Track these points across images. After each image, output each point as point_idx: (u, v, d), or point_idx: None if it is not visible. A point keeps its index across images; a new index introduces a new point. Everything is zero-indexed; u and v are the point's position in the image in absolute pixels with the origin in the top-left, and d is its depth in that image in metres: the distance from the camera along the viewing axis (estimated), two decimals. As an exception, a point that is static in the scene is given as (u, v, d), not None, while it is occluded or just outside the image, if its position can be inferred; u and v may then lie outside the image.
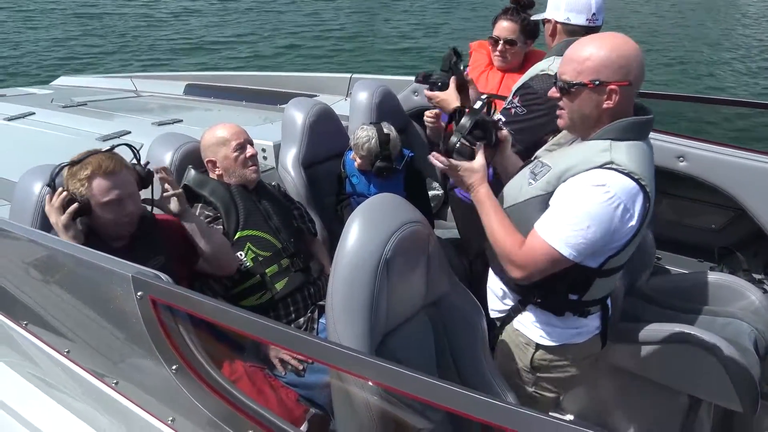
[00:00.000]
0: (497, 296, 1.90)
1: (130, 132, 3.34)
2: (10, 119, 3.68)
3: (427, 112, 2.35)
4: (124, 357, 1.52)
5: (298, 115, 2.90)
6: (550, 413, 1.83)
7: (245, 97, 4.33)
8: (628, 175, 1.50)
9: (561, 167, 1.60)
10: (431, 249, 1.63)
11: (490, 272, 1.92)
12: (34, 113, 3.79)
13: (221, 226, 2.20)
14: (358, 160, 2.73)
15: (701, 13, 16.98)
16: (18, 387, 1.76)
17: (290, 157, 2.87)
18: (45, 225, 2.02)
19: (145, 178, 1.96)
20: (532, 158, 1.80)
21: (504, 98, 2.74)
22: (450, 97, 2.16)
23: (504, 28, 2.74)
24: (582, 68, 1.55)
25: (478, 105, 1.75)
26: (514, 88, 2.28)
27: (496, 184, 1.85)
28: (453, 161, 1.72)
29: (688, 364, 2.28)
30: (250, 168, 2.30)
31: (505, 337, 1.89)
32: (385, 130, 2.69)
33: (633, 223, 1.54)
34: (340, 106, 3.55)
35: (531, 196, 1.66)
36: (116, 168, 1.84)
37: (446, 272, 1.72)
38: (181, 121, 3.59)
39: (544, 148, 1.82)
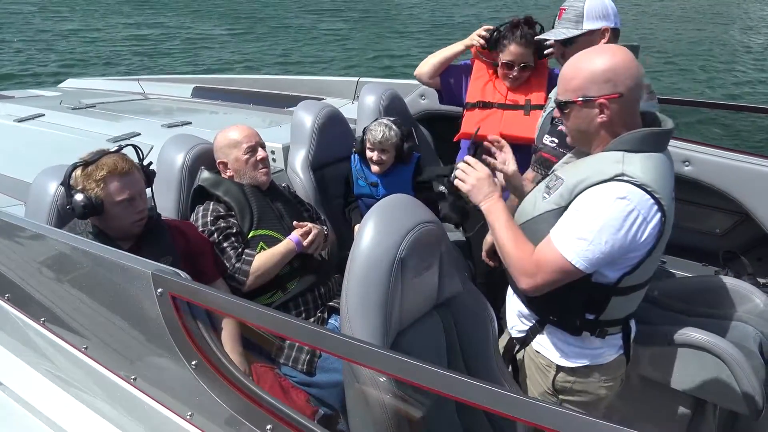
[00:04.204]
0: (516, 316, 1.87)
1: (139, 134, 3.37)
2: (20, 120, 3.71)
3: None
4: (143, 353, 1.54)
5: (307, 117, 2.93)
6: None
7: (253, 100, 4.36)
8: (640, 187, 1.47)
9: (573, 180, 1.58)
10: (444, 249, 1.65)
11: (509, 291, 1.89)
12: (43, 115, 3.82)
13: (234, 220, 2.22)
14: (383, 157, 2.74)
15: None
16: (36, 384, 1.78)
17: (299, 159, 2.90)
18: (60, 224, 2.05)
19: (149, 178, 2.03)
20: (550, 172, 1.78)
21: (508, 106, 2.78)
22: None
23: (518, 53, 2.66)
24: (569, 86, 1.57)
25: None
26: (552, 101, 2.14)
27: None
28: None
29: (694, 367, 2.30)
30: (261, 171, 2.33)
31: (526, 360, 1.86)
32: (386, 121, 2.75)
33: (648, 237, 1.50)
34: (348, 110, 3.58)
35: (545, 210, 1.63)
36: (130, 169, 1.92)
37: (458, 272, 1.75)
38: (190, 123, 3.62)
39: (561, 161, 1.81)
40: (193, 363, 1.39)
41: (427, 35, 14.14)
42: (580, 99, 1.55)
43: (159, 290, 1.41)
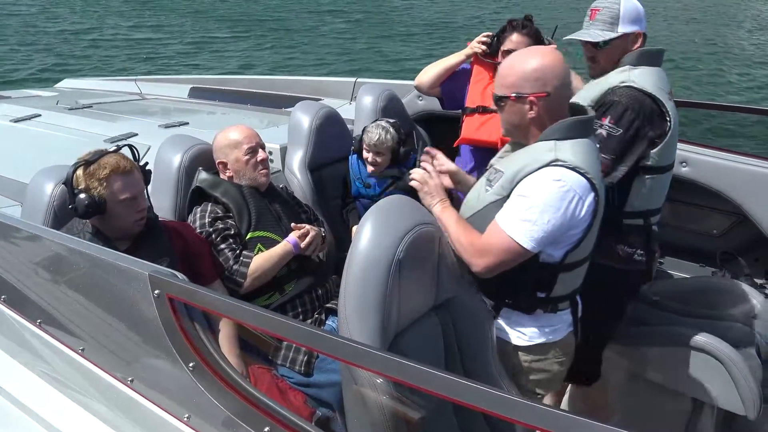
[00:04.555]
0: None
1: (137, 134, 3.36)
2: (16, 121, 3.70)
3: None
4: (140, 355, 1.54)
5: (304, 118, 2.92)
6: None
7: (250, 101, 4.35)
8: (573, 169, 1.62)
9: (512, 171, 1.70)
10: (442, 250, 1.66)
11: None
12: (40, 115, 3.80)
13: (231, 222, 2.22)
14: (378, 159, 2.74)
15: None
16: (32, 385, 1.77)
17: (297, 159, 2.89)
18: (56, 225, 2.04)
19: (146, 178, 2.04)
20: (488, 166, 1.88)
21: None
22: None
23: (520, 41, 2.65)
24: (505, 83, 1.72)
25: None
26: (588, 104, 2.12)
27: None
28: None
29: (692, 368, 2.30)
30: (261, 172, 2.32)
31: None
32: (385, 123, 2.75)
33: (585, 214, 1.65)
34: (345, 110, 3.57)
35: (489, 202, 1.74)
36: (131, 168, 1.93)
37: (456, 274, 1.75)
38: (187, 123, 3.61)
39: (497, 155, 1.92)
40: (191, 365, 1.39)
41: (428, 37, 14.11)
42: (513, 95, 1.70)
43: (156, 292, 1.41)
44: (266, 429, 1.31)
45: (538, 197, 1.62)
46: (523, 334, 1.84)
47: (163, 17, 14.59)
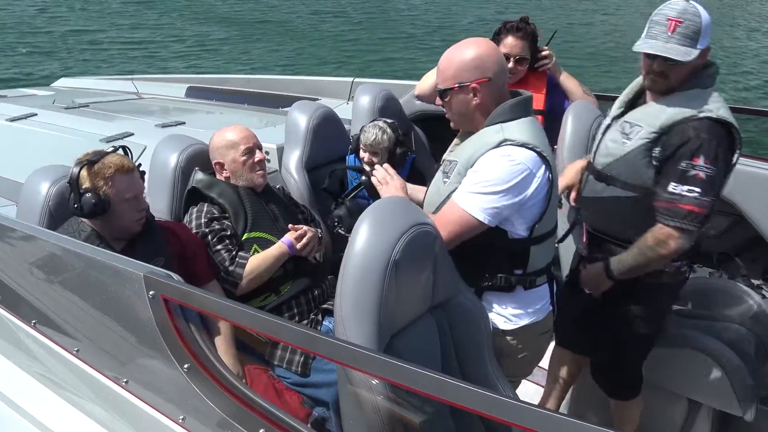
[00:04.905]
0: None
1: (133, 134, 3.35)
2: (12, 120, 3.68)
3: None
4: (135, 356, 1.53)
5: (301, 118, 2.92)
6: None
7: (247, 100, 4.35)
8: (522, 146, 1.71)
9: (465, 157, 1.78)
10: (438, 251, 1.65)
11: None
12: (36, 114, 3.79)
13: (228, 222, 2.21)
14: (375, 160, 2.73)
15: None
16: (26, 386, 1.76)
17: (293, 159, 2.89)
18: (52, 225, 2.04)
19: (141, 177, 2.05)
20: (441, 161, 1.95)
21: None
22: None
23: (513, 45, 2.68)
24: (446, 75, 1.80)
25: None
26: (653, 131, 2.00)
27: None
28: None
29: (688, 368, 2.30)
30: (258, 173, 2.31)
31: None
32: (382, 123, 2.75)
33: (539, 187, 1.73)
34: (342, 110, 3.57)
35: (449, 191, 1.80)
36: (133, 167, 1.97)
37: (452, 275, 1.74)
38: (184, 123, 3.60)
39: (448, 149, 1.99)
40: (186, 366, 1.39)
41: (431, 38, 14.08)
42: (456, 85, 1.78)
43: (151, 293, 1.40)
44: (261, 431, 1.31)
45: (489, 173, 1.71)
46: (508, 319, 1.89)
47: (162, 18, 14.53)
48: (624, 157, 2.05)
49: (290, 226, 2.27)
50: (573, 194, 2.32)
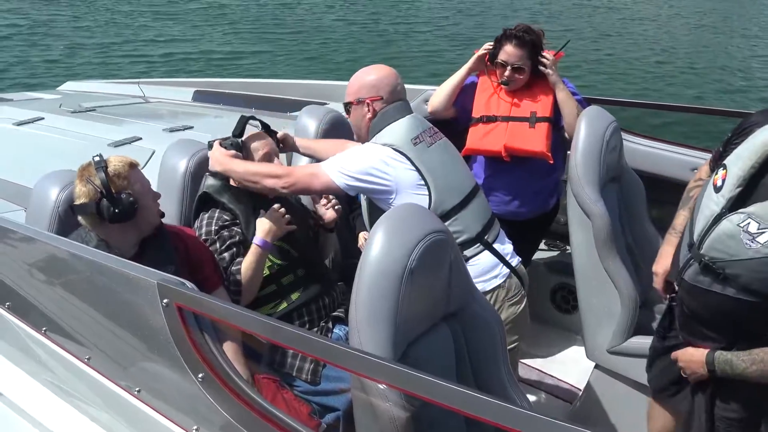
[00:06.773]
0: None
1: (141, 138, 3.33)
2: (19, 124, 3.68)
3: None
4: (147, 364, 1.51)
5: (311, 122, 2.90)
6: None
7: (255, 105, 4.33)
8: (385, 146, 2.08)
9: None
10: (453, 259, 1.63)
11: None
12: (43, 118, 3.78)
13: (237, 229, 2.19)
14: None
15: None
16: (36, 394, 1.75)
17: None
18: (61, 231, 2.02)
19: None
20: None
21: (513, 118, 2.75)
22: None
23: (511, 53, 2.69)
24: (350, 91, 2.21)
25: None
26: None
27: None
28: None
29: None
30: None
31: None
32: None
33: (395, 170, 2.03)
34: (350, 114, 3.54)
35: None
36: (137, 162, 1.99)
37: (467, 282, 1.72)
38: (192, 127, 3.59)
39: None
40: (200, 376, 1.37)
41: (445, 42, 14.03)
42: (356, 100, 2.18)
43: (165, 301, 1.38)
44: (277, 441, 1.29)
45: (353, 155, 2.10)
46: None
47: (172, 23, 14.52)
48: (748, 261, 1.59)
49: (261, 211, 2.21)
50: (659, 282, 2.11)
